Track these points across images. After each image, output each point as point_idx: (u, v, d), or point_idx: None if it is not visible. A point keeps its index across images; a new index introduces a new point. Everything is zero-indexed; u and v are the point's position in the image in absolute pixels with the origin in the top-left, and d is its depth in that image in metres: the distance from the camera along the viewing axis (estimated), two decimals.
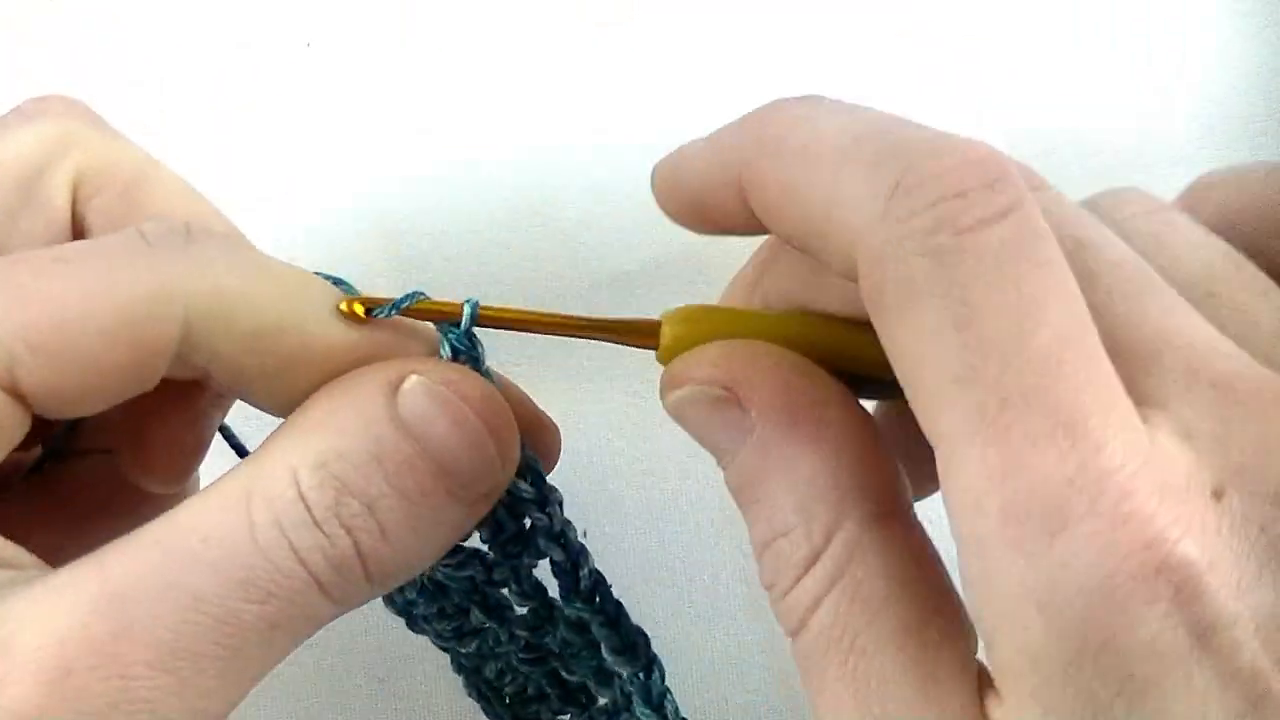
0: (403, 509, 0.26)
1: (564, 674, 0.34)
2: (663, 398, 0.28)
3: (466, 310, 0.29)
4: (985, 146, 0.23)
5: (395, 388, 0.27)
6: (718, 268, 0.47)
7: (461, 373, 0.28)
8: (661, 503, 0.46)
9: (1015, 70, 0.48)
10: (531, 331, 0.29)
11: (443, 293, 0.29)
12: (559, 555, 0.31)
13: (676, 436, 0.35)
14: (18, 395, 0.25)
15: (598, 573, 0.31)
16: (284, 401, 0.28)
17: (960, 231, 0.22)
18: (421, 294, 0.28)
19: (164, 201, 0.31)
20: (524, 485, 0.30)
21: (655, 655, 0.32)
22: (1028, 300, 0.21)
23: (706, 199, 0.28)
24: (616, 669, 0.32)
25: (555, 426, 0.32)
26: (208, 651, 0.24)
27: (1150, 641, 0.20)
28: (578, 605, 0.31)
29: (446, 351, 0.29)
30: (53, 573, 0.24)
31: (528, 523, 0.31)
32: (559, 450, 0.32)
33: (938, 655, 0.24)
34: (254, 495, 0.25)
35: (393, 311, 0.28)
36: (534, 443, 0.30)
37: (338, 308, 0.28)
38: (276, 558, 0.25)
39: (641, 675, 0.31)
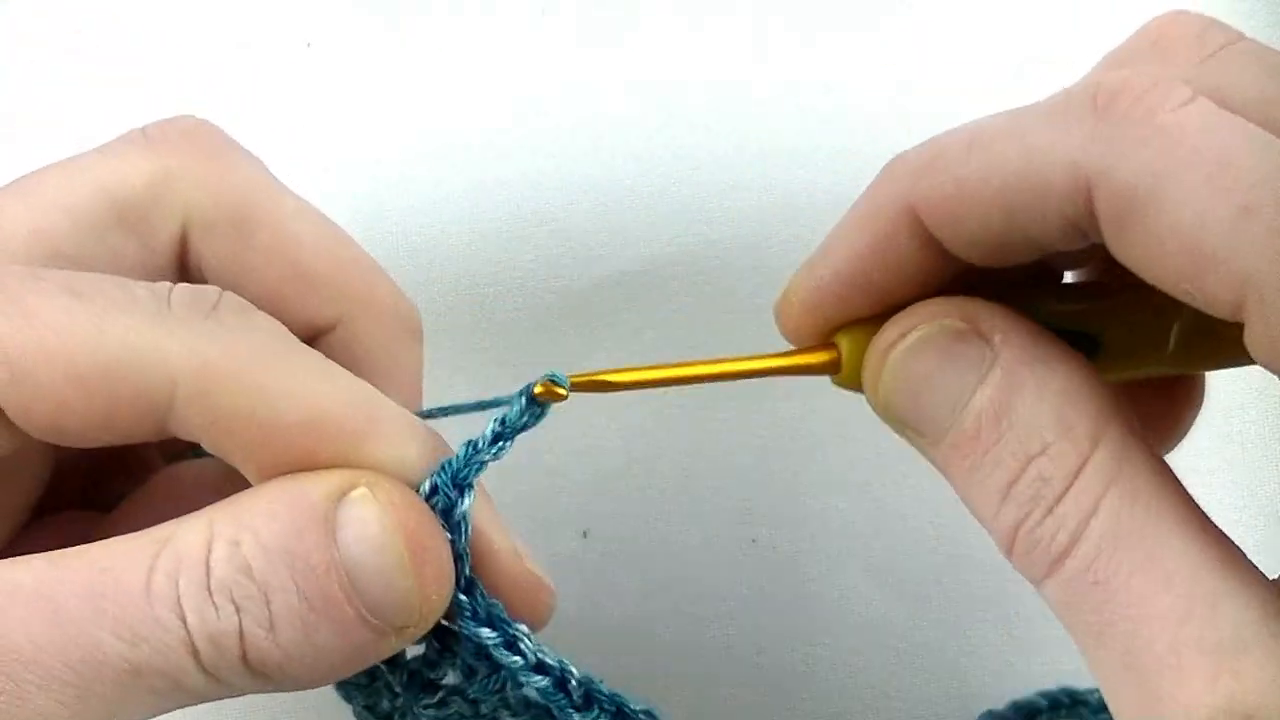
0: (299, 611, 0.26)
1: None
2: (877, 366, 0.27)
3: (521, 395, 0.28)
4: (1138, 68, 0.24)
5: (343, 494, 0.26)
6: (719, 267, 0.47)
7: (410, 502, 0.27)
8: (661, 503, 0.46)
9: (1013, 70, 0.47)
10: (696, 383, 0.29)
11: (441, 293, 0.30)
12: (542, 683, 0.30)
13: (677, 435, 0.35)
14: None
15: (586, 678, 0.31)
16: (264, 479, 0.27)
17: (1173, 109, 0.23)
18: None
19: (271, 241, 0.30)
20: (488, 632, 0.29)
21: None
22: (1257, 140, 0.22)
23: (868, 271, 0.28)
24: None
25: (550, 589, 0.31)
26: (58, 672, 0.24)
27: None
28: (579, 715, 0.31)
29: (426, 486, 0.28)
30: None
31: (503, 660, 0.30)
32: (549, 611, 0.31)
33: (1226, 547, 0.23)
34: (168, 545, 0.25)
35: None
36: (522, 600, 0.30)
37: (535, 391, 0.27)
38: (159, 608, 0.25)
39: None
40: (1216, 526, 0.24)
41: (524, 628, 0.30)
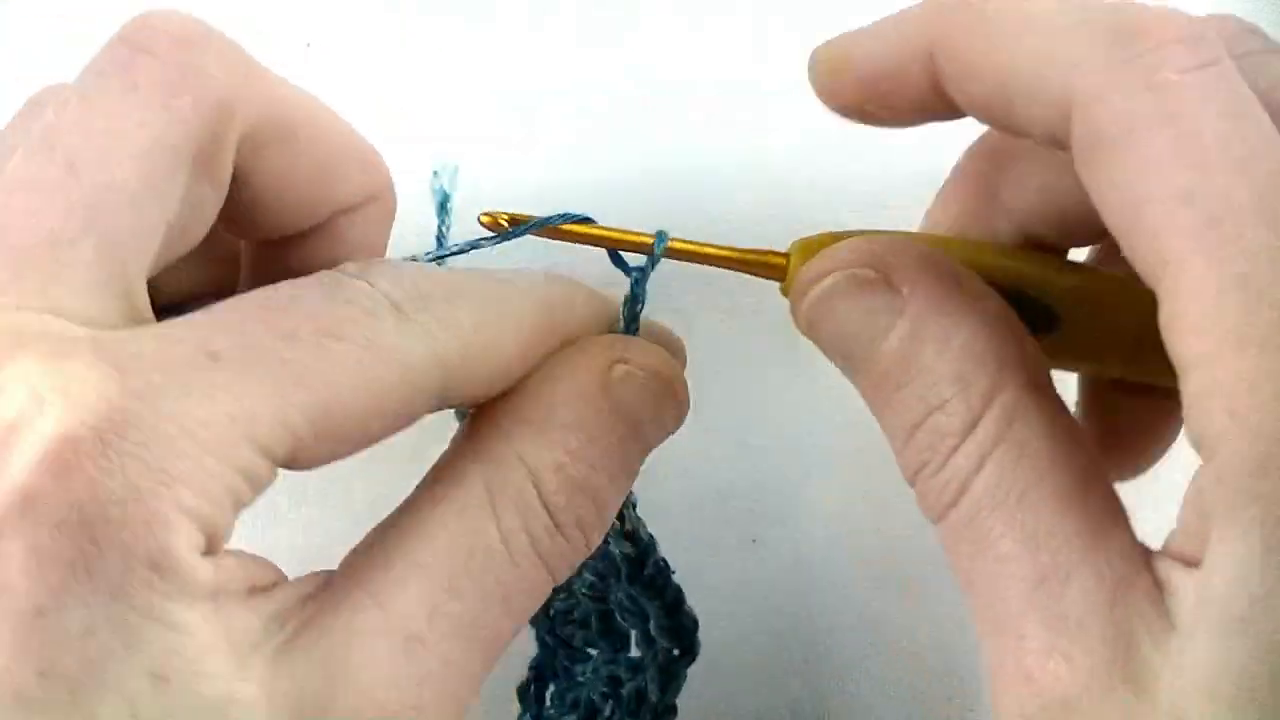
0: (617, 489, 0.29)
1: (616, 619, 0.36)
2: (797, 302, 0.29)
3: (657, 248, 0.31)
4: (1190, 15, 0.24)
5: (609, 371, 0.29)
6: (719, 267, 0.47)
7: (658, 356, 0.30)
8: (661, 503, 0.46)
9: None
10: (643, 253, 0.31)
11: None
12: (628, 549, 0.33)
13: (677, 435, 0.35)
14: (286, 465, 0.25)
15: (662, 562, 0.34)
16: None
17: (1182, 72, 0.23)
18: (587, 218, 0.31)
19: (307, 145, 0.30)
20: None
21: (698, 641, 0.35)
22: (1248, 130, 0.22)
23: (883, 80, 0.28)
24: (661, 641, 0.35)
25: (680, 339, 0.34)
26: (474, 670, 0.26)
27: None
28: (639, 589, 0.34)
29: (620, 321, 0.31)
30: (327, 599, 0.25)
31: None
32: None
33: (1102, 514, 0.24)
34: (497, 499, 0.26)
35: (535, 228, 0.31)
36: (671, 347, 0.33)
37: (479, 219, 0.31)
38: (526, 567, 0.27)
39: (676, 652, 0.35)
40: (1107, 492, 0.24)
41: (634, 497, 0.33)
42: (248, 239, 0.32)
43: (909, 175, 0.41)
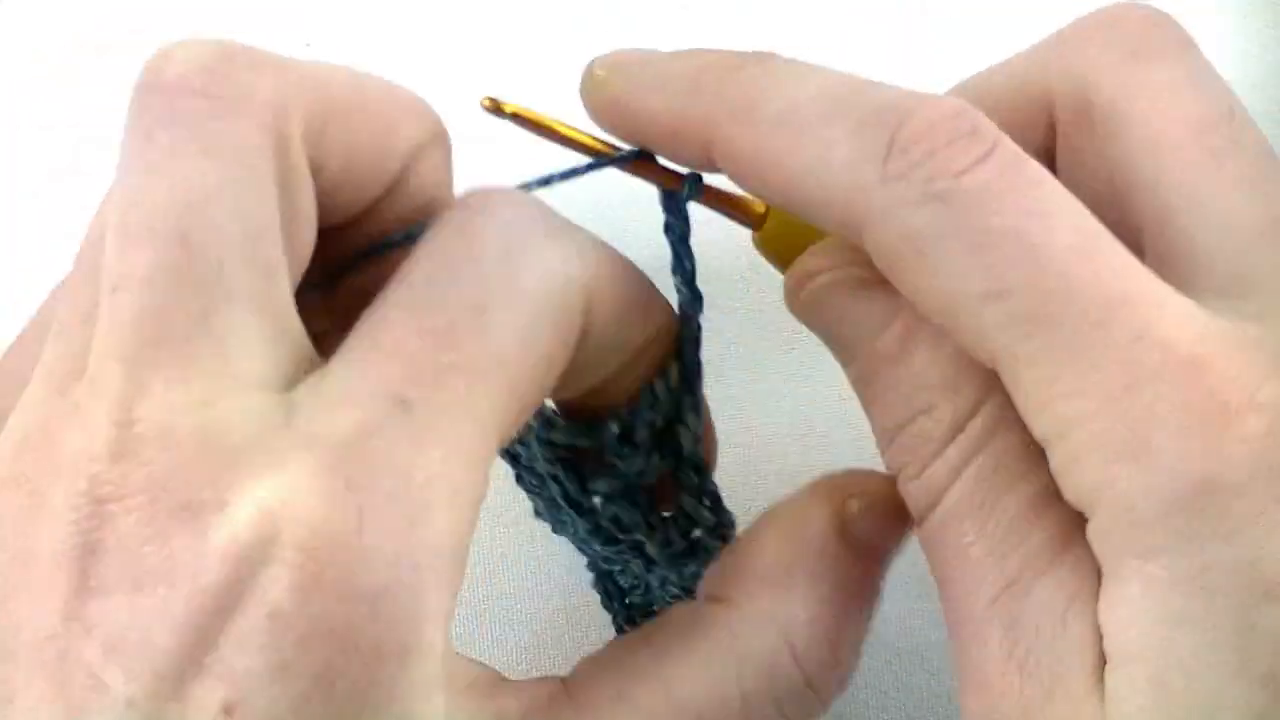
0: (854, 633, 0.28)
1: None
2: (795, 290, 0.29)
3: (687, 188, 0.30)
4: (957, 101, 0.24)
5: (841, 518, 0.28)
6: (717, 267, 0.46)
7: (884, 483, 0.29)
8: None
9: None
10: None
11: None
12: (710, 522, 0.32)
13: None
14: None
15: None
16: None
17: (957, 174, 0.23)
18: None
19: (375, 117, 0.30)
20: (705, 511, 0.32)
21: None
22: (1036, 211, 0.23)
23: (659, 143, 0.29)
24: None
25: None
26: None
27: (1246, 468, 0.21)
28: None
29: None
30: None
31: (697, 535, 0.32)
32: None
33: (1066, 525, 0.24)
34: (745, 667, 0.26)
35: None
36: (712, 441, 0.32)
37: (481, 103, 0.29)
38: None
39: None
40: (1065, 505, 0.25)
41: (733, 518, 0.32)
42: (334, 223, 0.30)
43: None
